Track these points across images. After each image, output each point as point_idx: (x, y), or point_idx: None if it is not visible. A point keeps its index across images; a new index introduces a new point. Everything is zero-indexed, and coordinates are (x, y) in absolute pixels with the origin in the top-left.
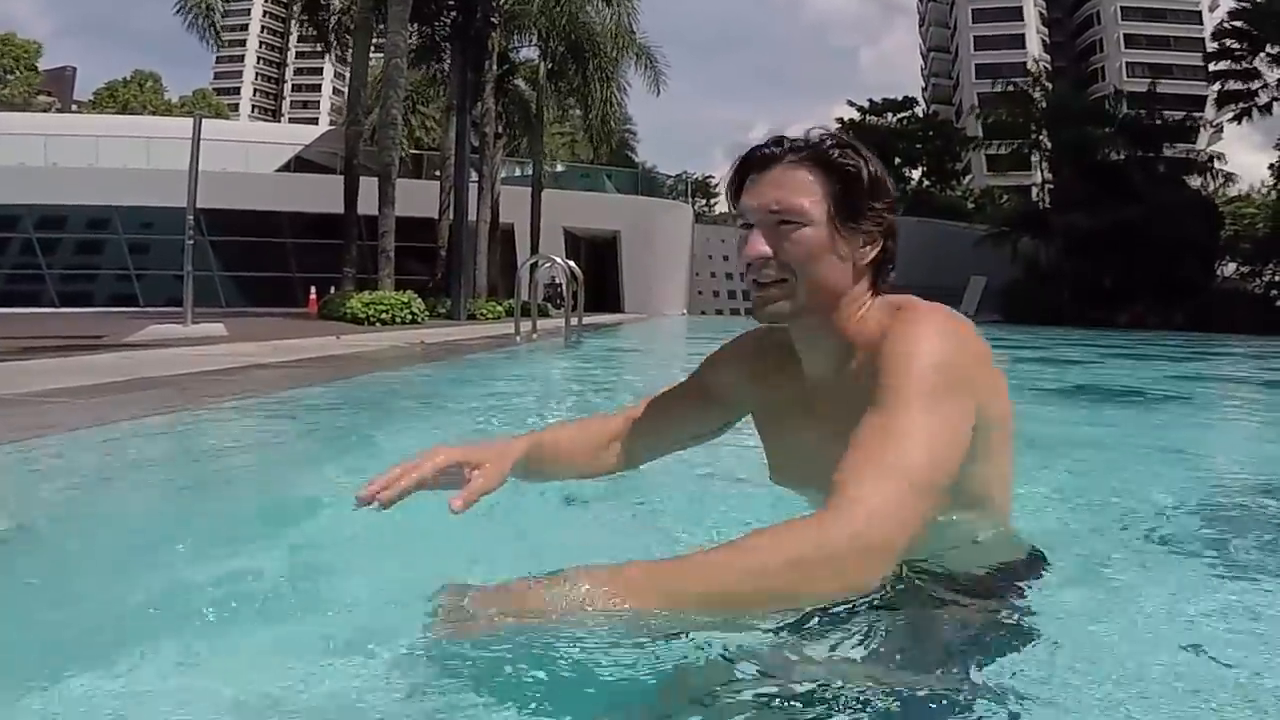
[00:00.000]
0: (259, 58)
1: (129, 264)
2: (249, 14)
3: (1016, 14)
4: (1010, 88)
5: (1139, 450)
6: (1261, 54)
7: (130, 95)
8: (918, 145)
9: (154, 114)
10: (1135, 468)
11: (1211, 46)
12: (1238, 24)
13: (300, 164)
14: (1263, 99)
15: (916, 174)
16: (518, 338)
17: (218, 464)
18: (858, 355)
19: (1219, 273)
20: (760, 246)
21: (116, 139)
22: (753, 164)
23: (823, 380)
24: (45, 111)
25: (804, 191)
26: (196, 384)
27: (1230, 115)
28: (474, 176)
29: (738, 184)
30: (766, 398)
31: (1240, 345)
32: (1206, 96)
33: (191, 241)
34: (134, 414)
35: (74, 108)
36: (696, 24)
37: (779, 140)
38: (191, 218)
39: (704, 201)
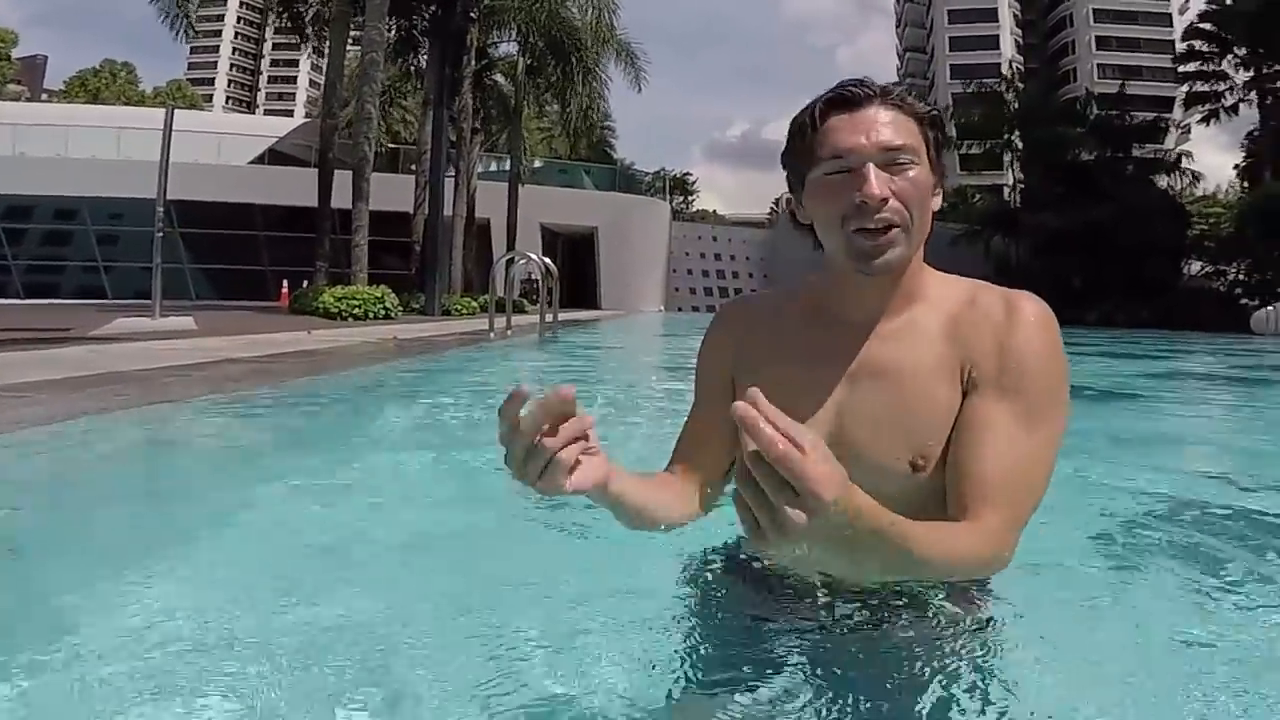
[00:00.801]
0: (234, 49)
1: (97, 256)
2: (225, 4)
3: (991, 15)
4: (983, 89)
5: (1102, 444)
6: (1229, 56)
7: (102, 85)
8: None
9: (127, 104)
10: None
11: (1181, 48)
12: (1206, 26)
13: (274, 156)
14: (1229, 100)
15: None
16: (491, 334)
17: (176, 462)
18: (919, 305)
19: (1185, 271)
20: (883, 187)
21: (86, 129)
22: (843, 103)
23: (868, 322)
24: (15, 100)
25: (911, 131)
26: (163, 379)
27: (1198, 117)
28: (451, 171)
29: (814, 129)
30: (771, 364)
31: (1203, 342)
32: (1175, 98)
33: (161, 234)
34: (101, 408)
35: (44, 97)
36: (677, 20)
37: (860, 81)
38: (161, 209)
39: (681, 198)
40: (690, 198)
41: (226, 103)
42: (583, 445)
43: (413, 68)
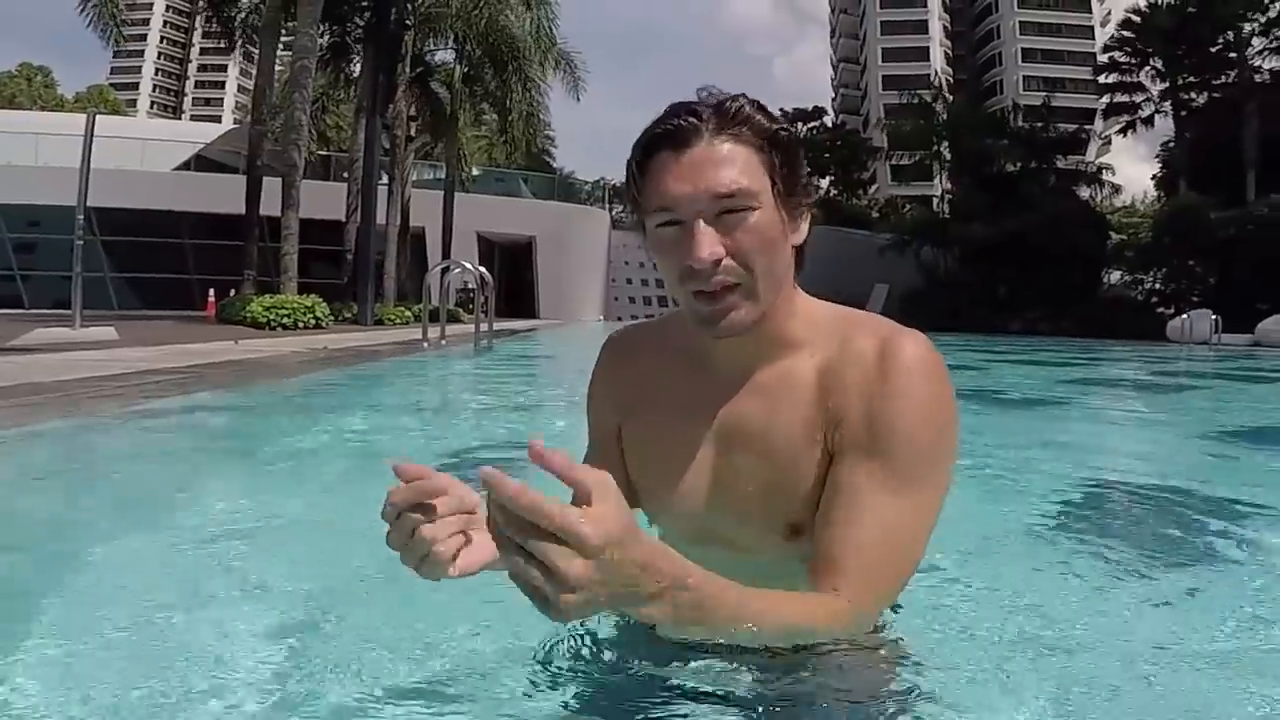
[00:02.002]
0: (160, 54)
1: (13, 264)
2: (151, 9)
3: (923, 28)
4: (914, 99)
5: (1020, 445)
6: (1147, 67)
7: (17, 89)
8: (826, 155)
9: (44, 109)
10: (1017, 463)
11: (1102, 59)
12: (1126, 34)
13: (201, 163)
14: (1145, 111)
15: (825, 183)
16: (425, 343)
17: (92, 476)
18: (791, 354)
19: (1105, 280)
20: (713, 246)
21: (2, 135)
22: (667, 142)
23: (737, 375)
24: None
25: (750, 165)
26: (82, 390)
27: (1116, 128)
28: (384, 179)
29: (641, 170)
30: (652, 411)
31: (1119, 350)
32: (1096, 110)
33: (81, 241)
34: (14, 422)
35: None
36: (616, 30)
37: (690, 109)
38: (82, 217)
39: (621, 207)
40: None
41: (151, 108)
42: (465, 522)
43: (344, 75)
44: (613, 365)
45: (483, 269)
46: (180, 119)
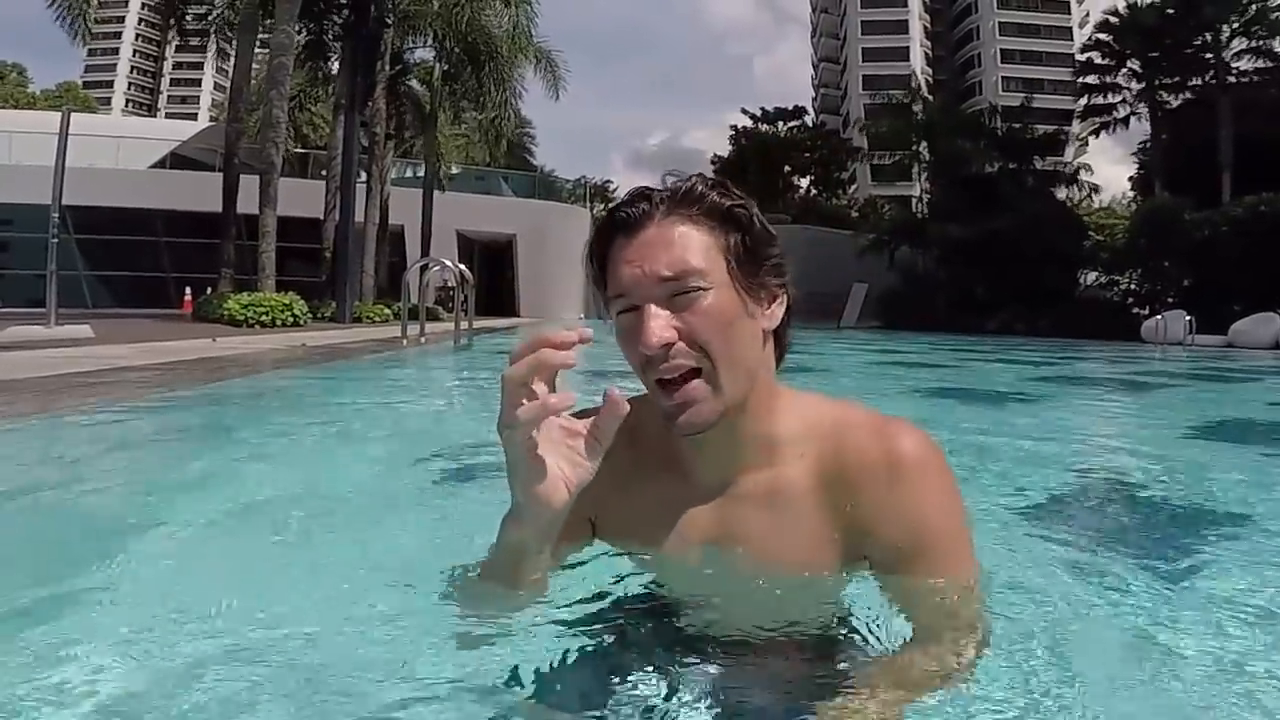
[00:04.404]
0: (135, 50)
1: None
2: (126, 5)
3: (903, 28)
4: (892, 100)
5: (994, 442)
6: (1124, 69)
7: None
8: (806, 154)
9: (16, 107)
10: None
11: (1080, 59)
12: (1103, 37)
13: (177, 161)
14: (1121, 112)
15: (805, 183)
16: (404, 340)
17: (66, 473)
18: (782, 454)
19: (1082, 281)
20: (662, 330)
21: None
22: (619, 228)
23: (717, 484)
24: None
25: (701, 247)
26: (57, 387)
27: (1092, 128)
28: (363, 177)
29: (602, 259)
30: (627, 509)
31: (1094, 350)
32: (1074, 111)
33: (56, 240)
34: None
35: None
36: (596, 29)
37: (644, 194)
38: (56, 215)
39: (602, 206)
40: (611, 204)
41: (126, 106)
42: (571, 430)
43: (321, 73)
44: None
45: (462, 266)
46: (156, 117)
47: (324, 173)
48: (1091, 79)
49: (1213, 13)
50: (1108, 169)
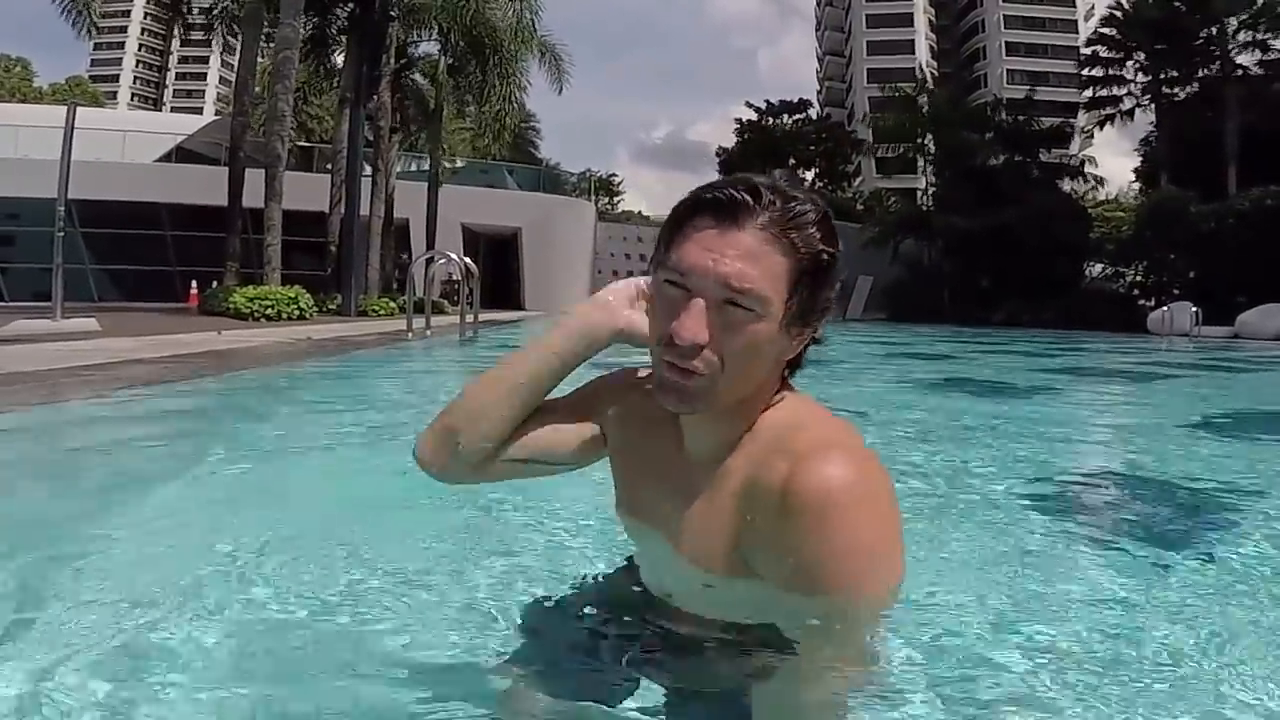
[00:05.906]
0: (140, 44)
1: None
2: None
3: (908, 20)
4: (897, 93)
5: (1002, 430)
6: (1130, 61)
7: None
8: (811, 147)
9: (23, 101)
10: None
11: (1085, 52)
12: (1108, 31)
13: (182, 154)
14: (1126, 105)
15: (810, 175)
16: (409, 334)
17: (74, 463)
18: (734, 453)
19: (1087, 273)
20: (698, 331)
21: None
22: (712, 207)
23: (703, 458)
24: None
25: (771, 273)
26: (65, 380)
27: (1097, 121)
28: (368, 171)
29: (678, 222)
30: (635, 444)
31: (1100, 341)
32: (1079, 103)
33: (62, 233)
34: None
35: None
36: (601, 22)
37: (754, 187)
38: (62, 209)
39: (607, 199)
40: (616, 198)
41: (132, 100)
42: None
43: (325, 66)
44: (626, 394)
45: (468, 259)
46: (161, 110)
47: (329, 166)
48: (1097, 71)
49: (1224, 6)
50: (1113, 161)
